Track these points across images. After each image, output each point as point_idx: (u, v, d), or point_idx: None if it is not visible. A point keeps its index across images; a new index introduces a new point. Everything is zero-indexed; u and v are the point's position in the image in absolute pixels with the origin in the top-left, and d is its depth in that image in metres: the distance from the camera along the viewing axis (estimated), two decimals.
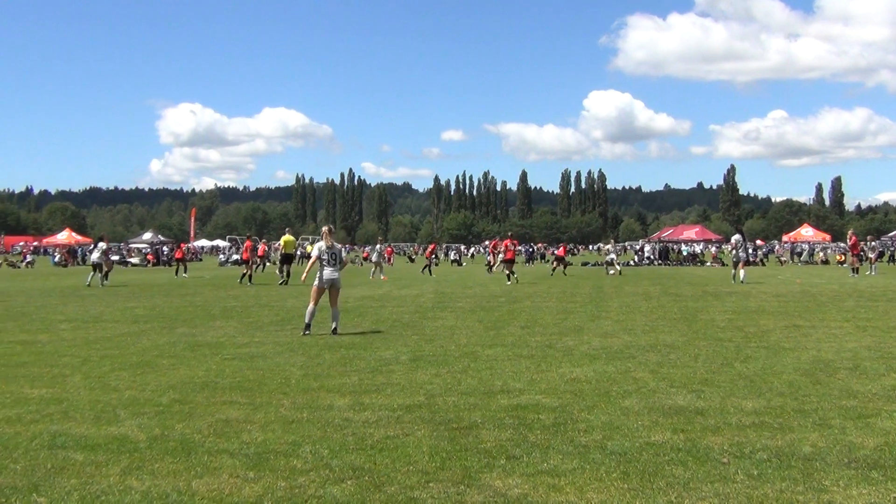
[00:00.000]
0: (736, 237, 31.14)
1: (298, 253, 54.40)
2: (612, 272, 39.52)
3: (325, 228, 14.36)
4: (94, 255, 30.68)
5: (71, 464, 5.82)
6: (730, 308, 18.15)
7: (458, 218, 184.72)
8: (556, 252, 36.69)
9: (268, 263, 46.09)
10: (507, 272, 31.41)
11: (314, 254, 14.01)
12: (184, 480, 5.42)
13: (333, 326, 13.53)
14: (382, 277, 35.63)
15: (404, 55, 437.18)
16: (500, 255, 36.07)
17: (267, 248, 45.38)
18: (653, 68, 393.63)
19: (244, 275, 30.81)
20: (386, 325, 14.83)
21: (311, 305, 13.68)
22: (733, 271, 30.10)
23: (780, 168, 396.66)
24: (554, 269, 36.85)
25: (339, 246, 14.13)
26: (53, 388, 8.72)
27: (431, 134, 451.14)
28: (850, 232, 38.13)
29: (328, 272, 13.71)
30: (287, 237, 33.52)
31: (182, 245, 48.35)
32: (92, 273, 30.02)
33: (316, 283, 13.75)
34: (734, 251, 30.30)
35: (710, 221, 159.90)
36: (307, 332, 13.45)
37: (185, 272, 38.95)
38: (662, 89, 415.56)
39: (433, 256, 46.32)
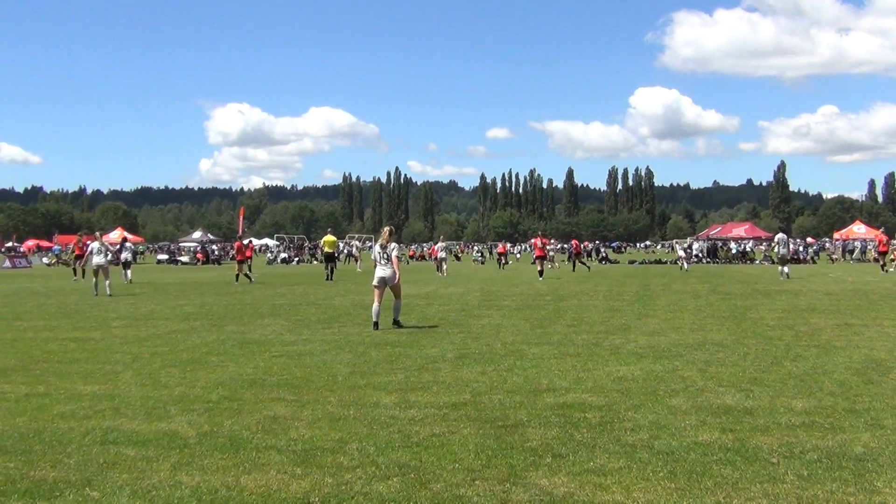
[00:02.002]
0: (780, 235, 33.25)
1: (345, 252, 55.23)
2: (684, 267, 43.37)
3: (385, 229, 15.11)
4: (124, 254, 32.75)
5: (123, 459, 5.92)
6: (780, 306, 17.91)
7: (504, 216, 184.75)
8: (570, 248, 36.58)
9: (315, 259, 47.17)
10: (539, 269, 32.77)
11: (373, 255, 14.94)
12: (232, 476, 5.49)
13: (394, 318, 14.38)
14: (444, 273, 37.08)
15: (449, 54, 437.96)
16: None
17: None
18: (700, 64, 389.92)
19: (238, 273, 31.05)
20: (432, 323, 14.86)
21: (374, 304, 14.28)
22: (780, 268, 31.58)
23: (832, 164, 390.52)
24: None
25: (393, 245, 14.61)
26: (106, 385, 8.87)
27: (477, 132, 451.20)
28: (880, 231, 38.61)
29: (379, 270, 14.37)
30: (328, 237, 35.04)
31: (251, 243, 49.46)
32: (124, 271, 31.57)
33: (373, 282, 14.48)
34: (777, 247, 32.52)
35: (759, 219, 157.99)
36: (376, 329, 13.87)
37: (239, 271, 39.94)
38: (710, 85, 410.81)
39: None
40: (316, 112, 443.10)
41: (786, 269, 31.36)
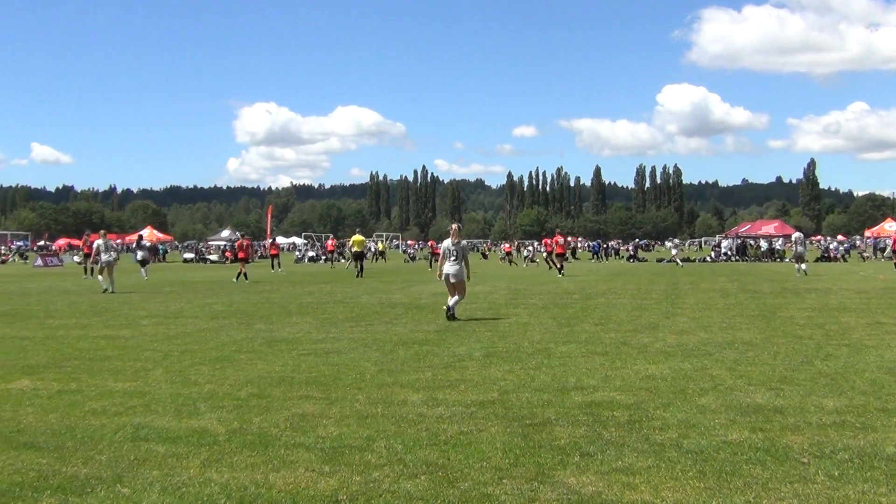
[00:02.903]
0: (796, 235, 34.84)
1: (373, 249, 56.48)
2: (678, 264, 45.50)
3: (453, 227, 16.24)
4: (140, 253, 35.22)
5: (153, 455, 5.97)
6: (810, 305, 17.75)
7: (531, 214, 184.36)
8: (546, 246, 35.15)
9: (341, 259, 48.76)
10: (558, 266, 34.04)
11: (441, 251, 15.96)
12: (261, 473, 5.52)
13: (451, 309, 15.13)
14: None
15: (476, 52, 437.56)
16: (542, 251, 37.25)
17: (338, 244, 48.13)
18: (728, 61, 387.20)
19: (240, 273, 31.35)
20: (459, 322, 14.86)
21: (450, 297, 15.41)
22: (796, 265, 32.95)
23: (862, 161, 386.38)
24: (560, 267, 34.15)
25: (464, 243, 15.92)
26: (136, 382, 8.95)
27: (503, 130, 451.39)
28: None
29: (447, 266, 15.50)
30: (357, 237, 36.66)
31: (276, 242, 51.12)
32: (141, 268, 33.43)
33: (442, 278, 15.65)
34: (794, 247, 34.07)
35: (789, 216, 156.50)
36: (451, 319, 14.96)
37: (279, 267, 43.35)
38: (738, 82, 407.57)
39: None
40: (343, 111, 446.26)
41: (803, 266, 32.33)
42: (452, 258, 15.47)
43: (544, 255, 42.53)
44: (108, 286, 24.16)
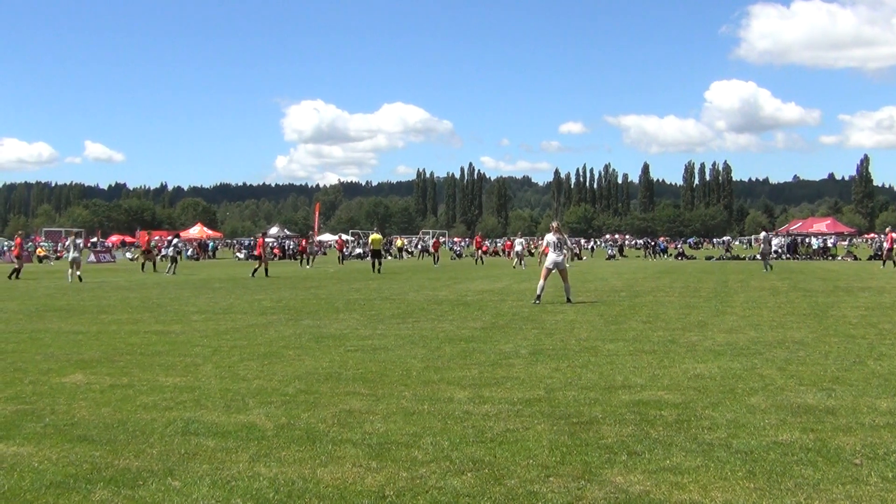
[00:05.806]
0: (763, 234, 39.27)
1: (419, 247, 57.83)
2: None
3: (554, 223, 18.96)
4: (170, 250, 39.35)
5: (203, 450, 6.04)
6: (863, 304, 17.44)
7: (578, 211, 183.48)
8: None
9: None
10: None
11: (544, 244, 18.55)
12: (309, 468, 5.56)
13: (566, 297, 17.96)
14: (522, 267, 40.17)
15: (522, 48, 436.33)
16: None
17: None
18: (777, 57, 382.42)
19: (255, 269, 33.28)
20: (506, 319, 14.84)
21: (541, 282, 18.05)
22: (763, 261, 36.45)
23: None
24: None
25: (564, 237, 18.58)
26: (186, 377, 9.06)
27: (550, 127, 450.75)
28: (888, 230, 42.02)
29: (553, 256, 17.95)
30: (374, 235, 40.73)
31: (304, 240, 53.01)
32: (170, 265, 36.76)
33: (546, 265, 18.03)
34: (762, 245, 37.91)
35: (841, 214, 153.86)
36: (537, 301, 17.80)
37: (308, 264, 46.10)
38: (788, 78, 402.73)
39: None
40: (389, 108, 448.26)
41: (770, 263, 35.58)
42: (556, 250, 17.89)
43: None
44: (72, 279, 28.83)
